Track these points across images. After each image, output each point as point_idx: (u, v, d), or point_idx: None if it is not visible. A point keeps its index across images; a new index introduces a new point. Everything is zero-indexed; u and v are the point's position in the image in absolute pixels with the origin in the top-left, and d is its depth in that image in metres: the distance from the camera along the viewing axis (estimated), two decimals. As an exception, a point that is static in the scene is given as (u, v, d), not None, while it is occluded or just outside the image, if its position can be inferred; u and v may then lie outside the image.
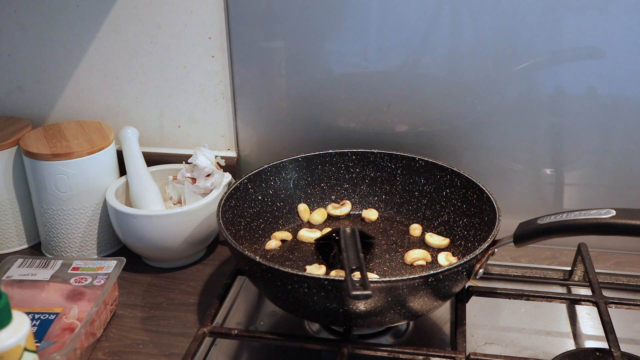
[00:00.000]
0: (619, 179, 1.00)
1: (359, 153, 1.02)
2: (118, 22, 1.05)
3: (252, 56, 1.04)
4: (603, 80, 0.95)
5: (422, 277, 0.72)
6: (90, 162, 0.98)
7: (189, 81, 1.07)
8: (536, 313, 0.91)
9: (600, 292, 0.87)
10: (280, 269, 0.73)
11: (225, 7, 1.01)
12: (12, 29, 1.08)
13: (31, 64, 1.10)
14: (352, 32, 1.00)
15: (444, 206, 0.96)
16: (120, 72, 1.09)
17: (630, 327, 0.88)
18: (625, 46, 0.92)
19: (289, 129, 1.08)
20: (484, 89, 0.99)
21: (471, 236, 0.90)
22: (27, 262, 0.95)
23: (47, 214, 1.00)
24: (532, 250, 1.03)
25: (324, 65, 1.03)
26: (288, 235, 0.97)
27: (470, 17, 0.96)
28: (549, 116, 0.99)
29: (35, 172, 0.98)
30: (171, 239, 0.96)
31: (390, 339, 0.86)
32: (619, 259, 1.02)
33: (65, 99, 1.12)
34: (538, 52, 0.95)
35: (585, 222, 0.72)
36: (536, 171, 1.03)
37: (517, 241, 0.77)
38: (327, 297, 0.72)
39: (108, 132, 1.03)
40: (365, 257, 0.90)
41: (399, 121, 1.04)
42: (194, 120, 1.10)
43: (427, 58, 0.99)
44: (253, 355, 0.86)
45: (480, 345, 0.85)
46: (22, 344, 0.59)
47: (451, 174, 0.95)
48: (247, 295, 0.96)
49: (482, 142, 1.02)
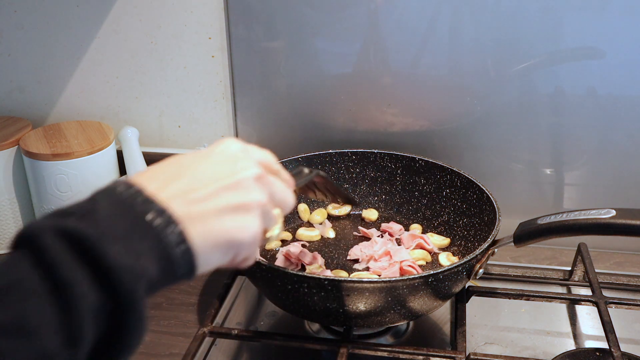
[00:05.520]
0: (619, 179, 1.00)
1: (359, 153, 1.02)
2: (118, 22, 1.05)
3: (252, 56, 1.04)
4: (603, 80, 0.95)
5: (422, 277, 0.72)
6: (90, 162, 0.98)
7: (189, 81, 1.07)
8: (536, 313, 0.91)
9: (600, 292, 0.87)
10: (280, 269, 0.73)
11: (225, 7, 1.01)
12: (12, 29, 1.08)
13: (31, 64, 1.10)
14: (352, 32, 1.00)
15: (444, 206, 0.96)
16: (120, 72, 1.09)
17: (630, 327, 0.88)
18: (625, 46, 0.92)
19: (289, 129, 1.08)
20: (484, 89, 0.99)
21: (471, 236, 0.90)
22: (27, 262, 0.94)
23: (47, 214, 1.00)
24: (532, 250, 1.03)
25: (324, 65, 1.03)
26: (288, 235, 0.97)
27: (470, 17, 0.96)
28: (549, 116, 0.99)
29: (35, 172, 0.98)
30: (171, 239, 0.96)
31: (390, 339, 0.86)
32: (619, 259, 1.02)
33: (65, 99, 1.12)
34: (538, 52, 0.95)
35: (585, 222, 0.72)
36: (536, 171, 1.03)
37: (517, 241, 0.77)
38: (327, 297, 0.72)
39: (108, 132, 1.03)
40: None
41: (399, 121, 1.04)
42: (194, 120, 1.10)
43: (427, 58, 0.99)
44: (253, 355, 0.86)
45: (480, 345, 0.85)
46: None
47: (451, 174, 0.95)
48: (247, 295, 0.96)
49: (482, 142, 1.02)
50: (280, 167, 0.58)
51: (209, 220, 0.47)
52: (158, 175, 0.48)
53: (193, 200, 0.47)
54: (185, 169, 0.49)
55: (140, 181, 0.47)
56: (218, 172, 0.50)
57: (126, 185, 0.46)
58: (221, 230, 0.48)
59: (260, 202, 0.51)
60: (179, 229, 0.45)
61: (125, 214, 0.44)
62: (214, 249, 0.48)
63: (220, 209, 0.48)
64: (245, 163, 0.52)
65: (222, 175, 0.50)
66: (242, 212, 0.49)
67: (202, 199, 0.48)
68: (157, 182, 0.47)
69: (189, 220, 0.46)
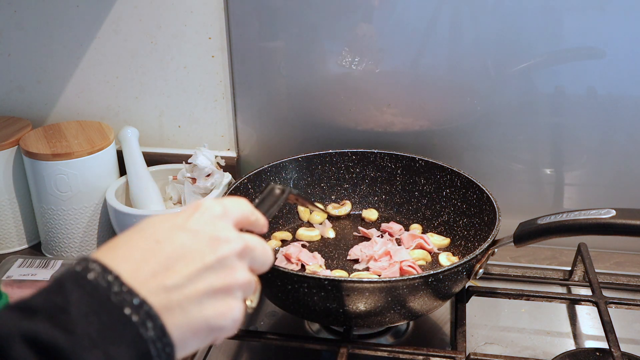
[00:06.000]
0: (619, 179, 1.00)
1: (359, 153, 1.02)
2: (118, 22, 1.05)
3: (252, 56, 1.04)
4: (603, 80, 0.95)
5: (422, 277, 0.72)
6: (90, 162, 0.98)
7: (189, 81, 1.07)
8: (536, 313, 0.91)
9: (600, 292, 0.87)
10: (280, 269, 0.73)
11: (225, 7, 1.01)
12: (12, 29, 1.08)
13: (31, 64, 1.10)
14: (352, 32, 1.00)
15: (444, 206, 0.96)
16: (120, 72, 1.09)
17: (630, 327, 0.88)
18: (625, 46, 0.92)
19: (289, 129, 1.08)
20: (484, 89, 0.99)
21: (471, 236, 0.90)
22: (27, 262, 0.95)
23: (47, 214, 1.00)
24: (532, 250, 1.03)
25: (323, 65, 1.03)
26: (288, 235, 0.97)
27: (470, 17, 0.96)
28: (549, 116, 0.99)
29: (35, 172, 0.98)
30: (171, 239, 0.96)
31: (390, 339, 0.86)
32: (619, 259, 1.02)
33: (65, 99, 1.12)
34: (538, 52, 0.95)
35: (585, 222, 0.72)
36: (536, 171, 1.03)
37: (517, 241, 0.77)
38: (327, 297, 0.72)
39: (108, 132, 1.03)
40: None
41: (399, 121, 1.04)
42: (194, 120, 1.10)
43: (427, 58, 0.99)
44: (253, 355, 0.86)
45: (480, 345, 0.85)
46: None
47: (451, 174, 0.95)
48: (247, 295, 0.96)
49: (482, 142, 1.02)
50: (256, 213, 0.54)
51: (189, 309, 0.44)
52: (131, 254, 0.44)
53: (171, 287, 0.44)
54: (161, 246, 0.45)
55: (112, 263, 0.42)
56: (196, 248, 0.46)
57: (97, 271, 0.42)
58: (202, 318, 0.45)
59: (244, 282, 0.47)
60: (159, 323, 0.42)
61: (101, 310, 0.40)
62: (194, 337, 0.45)
63: (200, 294, 0.45)
64: (226, 233, 0.48)
65: (201, 253, 0.46)
66: (223, 296, 0.46)
67: (181, 284, 0.44)
68: (130, 263, 0.43)
69: (167, 311, 0.43)
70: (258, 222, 0.54)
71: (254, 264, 0.50)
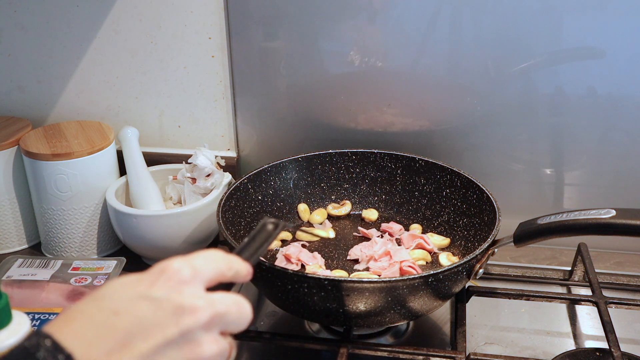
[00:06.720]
0: (619, 179, 1.00)
1: (359, 153, 1.02)
2: (118, 22, 1.05)
3: (252, 56, 1.04)
4: (603, 80, 0.95)
5: (422, 277, 0.72)
6: (90, 162, 0.98)
7: (189, 81, 1.07)
8: (536, 313, 0.91)
9: (600, 292, 0.87)
10: (280, 269, 0.73)
11: (225, 7, 1.01)
12: (12, 29, 1.08)
13: (31, 64, 1.10)
14: (352, 32, 1.00)
15: (444, 206, 0.96)
16: (120, 72, 1.09)
17: (630, 327, 0.88)
18: (625, 46, 0.92)
19: (289, 129, 1.08)
20: (484, 89, 0.99)
21: (471, 236, 0.90)
22: (27, 262, 0.95)
23: (47, 214, 1.00)
24: (532, 250, 1.03)
25: (323, 65, 1.03)
26: (288, 235, 0.97)
27: (470, 17, 0.96)
28: (549, 116, 0.99)
29: (35, 172, 0.98)
30: (171, 239, 0.96)
31: (390, 339, 0.86)
32: (619, 259, 1.02)
33: (65, 99, 1.12)
34: (538, 52, 0.95)
35: (585, 222, 0.72)
36: (536, 171, 1.03)
37: (517, 241, 0.77)
38: (327, 297, 0.72)
39: (108, 132, 1.03)
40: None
41: (399, 121, 1.04)
42: (194, 120, 1.10)
43: (427, 58, 0.99)
44: (253, 355, 0.86)
45: (480, 345, 0.85)
46: (22, 344, 0.59)
47: (451, 174, 0.95)
48: (247, 295, 0.95)
49: (482, 142, 1.02)
50: (235, 265, 0.50)
51: None
52: (86, 328, 0.40)
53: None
54: (119, 318, 0.41)
55: (65, 339, 0.38)
56: (158, 321, 0.41)
57: (48, 349, 0.38)
58: None
59: (211, 355, 0.43)
60: None
61: None
62: None
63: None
64: (191, 301, 0.43)
65: (162, 327, 0.41)
66: None
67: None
68: (83, 340, 0.39)
69: None
70: (238, 275, 0.50)
71: (227, 327, 0.46)
